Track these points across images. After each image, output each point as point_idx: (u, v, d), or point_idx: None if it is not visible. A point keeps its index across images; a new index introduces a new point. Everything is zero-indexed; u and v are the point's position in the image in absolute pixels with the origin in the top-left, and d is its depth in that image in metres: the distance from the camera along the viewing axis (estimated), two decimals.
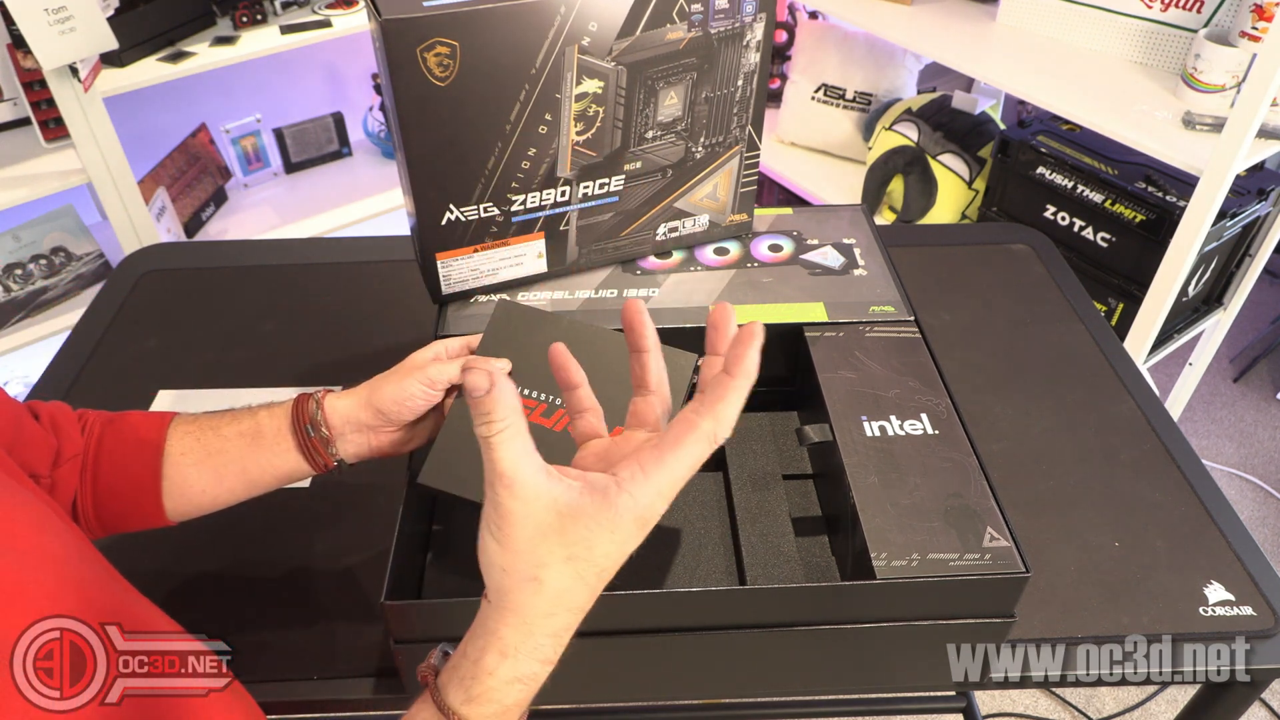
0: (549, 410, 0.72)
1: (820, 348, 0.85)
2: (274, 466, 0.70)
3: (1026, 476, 0.91)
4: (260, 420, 0.71)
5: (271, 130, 2.37)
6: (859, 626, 0.69)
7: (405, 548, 0.71)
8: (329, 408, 0.70)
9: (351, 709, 0.75)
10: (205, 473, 0.69)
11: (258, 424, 0.70)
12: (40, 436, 0.65)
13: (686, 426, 0.44)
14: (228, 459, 0.70)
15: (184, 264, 1.23)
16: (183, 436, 0.70)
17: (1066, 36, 1.87)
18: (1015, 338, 1.09)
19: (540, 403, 0.73)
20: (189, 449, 0.69)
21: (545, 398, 0.73)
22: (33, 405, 0.69)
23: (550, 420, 0.72)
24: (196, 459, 0.69)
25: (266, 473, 0.70)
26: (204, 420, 0.72)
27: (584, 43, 0.78)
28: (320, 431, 0.69)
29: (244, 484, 0.71)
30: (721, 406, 0.44)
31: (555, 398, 0.72)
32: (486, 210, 0.85)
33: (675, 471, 0.44)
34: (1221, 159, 1.40)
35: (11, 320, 1.87)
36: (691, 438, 0.44)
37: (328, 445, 0.69)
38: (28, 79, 1.74)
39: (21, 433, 0.64)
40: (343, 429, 0.70)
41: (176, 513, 0.70)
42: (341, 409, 0.70)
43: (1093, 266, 1.78)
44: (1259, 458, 2.18)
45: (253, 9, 2.03)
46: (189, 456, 0.69)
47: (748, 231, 1.00)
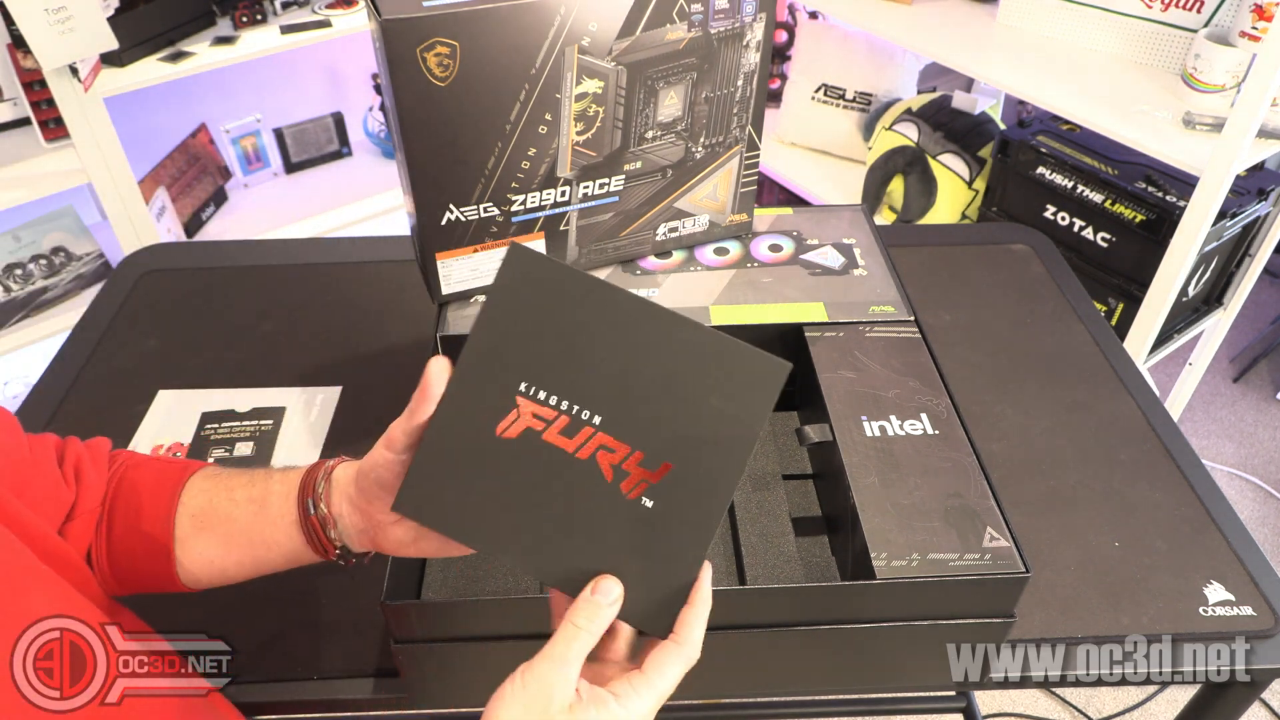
0: (572, 427, 0.51)
1: (820, 348, 0.85)
2: (279, 543, 0.60)
3: (1026, 476, 0.91)
4: (271, 486, 0.61)
5: (271, 130, 2.37)
6: (859, 626, 0.69)
7: None
8: (334, 480, 0.59)
9: (351, 709, 0.75)
10: (213, 539, 0.61)
11: (268, 490, 0.61)
12: (53, 488, 0.59)
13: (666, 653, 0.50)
14: (236, 527, 0.61)
15: (184, 264, 1.23)
16: (197, 494, 0.62)
17: (1066, 36, 1.87)
18: (1015, 338, 1.09)
19: (561, 414, 0.51)
20: (200, 509, 0.61)
21: (569, 408, 0.51)
22: (65, 446, 0.62)
23: (573, 442, 0.51)
24: (205, 523, 0.61)
25: (272, 549, 0.60)
26: (221, 479, 0.63)
27: (584, 43, 0.78)
28: (320, 509, 0.58)
29: (251, 559, 0.61)
30: (688, 633, 0.50)
31: (583, 410, 0.51)
32: (486, 210, 0.85)
33: (660, 687, 0.49)
34: (1221, 159, 1.40)
35: (11, 320, 1.87)
36: (670, 661, 0.49)
37: (326, 527, 0.58)
38: (28, 79, 1.74)
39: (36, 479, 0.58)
40: (341, 508, 0.58)
41: (189, 579, 0.62)
42: (340, 481, 0.59)
43: (1093, 266, 1.78)
44: (1259, 458, 2.18)
45: (253, 9, 2.03)
46: (199, 519, 0.61)
47: (748, 231, 1.00)
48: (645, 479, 0.51)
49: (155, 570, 0.61)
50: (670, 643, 0.50)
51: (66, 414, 0.98)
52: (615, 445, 0.51)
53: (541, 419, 0.51)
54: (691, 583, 0.51)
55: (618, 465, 0.51)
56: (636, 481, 0.51)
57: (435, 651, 0.69)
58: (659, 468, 0.50)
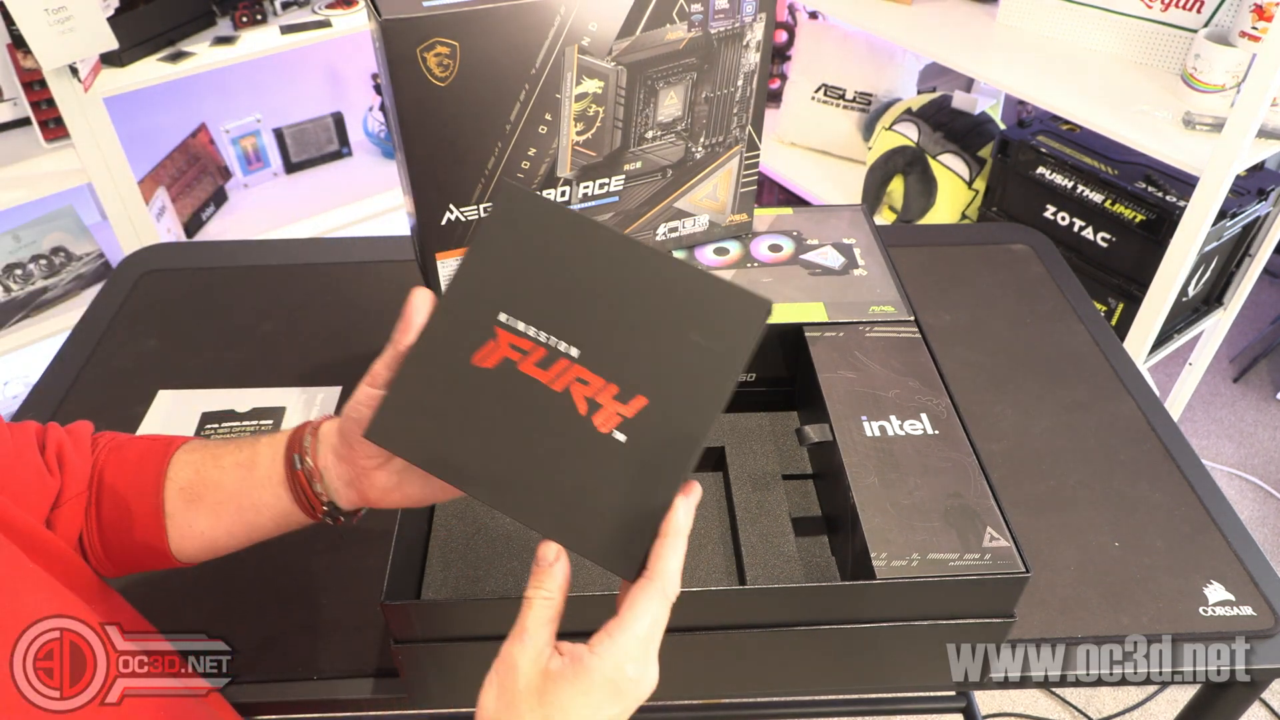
0: (549, 359, 0.51)
1: (820, 348, 0.85)
2: (267, 505, 0.60)
3: (1026, 476, 0.91)
4: (259, 449, 0.61)
5: (271, 130, 2.37)
6: (859, 626, 0.69)
7: (405, 548, 0.71)
8: (320, 433, 0.59)
9: (351, 709, 0.75)
10: (202, 510, 0.61)
11: (255, 453, 0.61)
12: (36, 477, 0.59)
13: (638, 590, 0.47)
14: (225, 494, 0.61)
15: (184, 264, 1.23)
16: (183, 467, 0.62)
17: (1066, 36, 1.87)
18: (1015, 338, 1.09)
19: (539, 346, 0.51)
20: (188, 481, 0.61)
21: (546, 339, 0.51)
22: (45, 433, 0.62)
23: (548, 374, 0.51)
24: (193, 494, 0.61)
25: (262, 513, 0.61)
26: (208, 449, 0.63)
27: (584, 43, 0.78)
28: (306, 462, 0.58)
29: (242, 525, 0.61)
30: (661, 565, 0.47)
31: (560, 342, 0.51)
32: (486, 210, 0.85)
33: (636, 629, 0.46)
34: (1221, 159, 1.40)
35: (11, 320, 1.87)
36: (643, 597, 0.47)
37: (313, 481, 0.58)
38: (28, 79, 1.74)
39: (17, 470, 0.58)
40: (327, 459, 0.58)
41: (182, 553, 0.62)
42: (326, 433, 0.59)
43: (1093, 266, 1.78)
44: (1259, 458, 2.18)
45: (253, 9, 2.03)
46: (187, 491, 0.61)
47: (748, 231, 1.00)
48: (619, 412, 0.50)
49: (148, 547, 0.61)
50: (643, 579, 0.47)
51: (66, 414, 0.98)
52: (590, 378, 0.50)
53: (519, 350, 0.51)
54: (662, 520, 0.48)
55: (591, 398, 0.50)
56: (609, 415, 0.50)
57: (435, 651, 0.69)
58: (632, 401, 0.49)
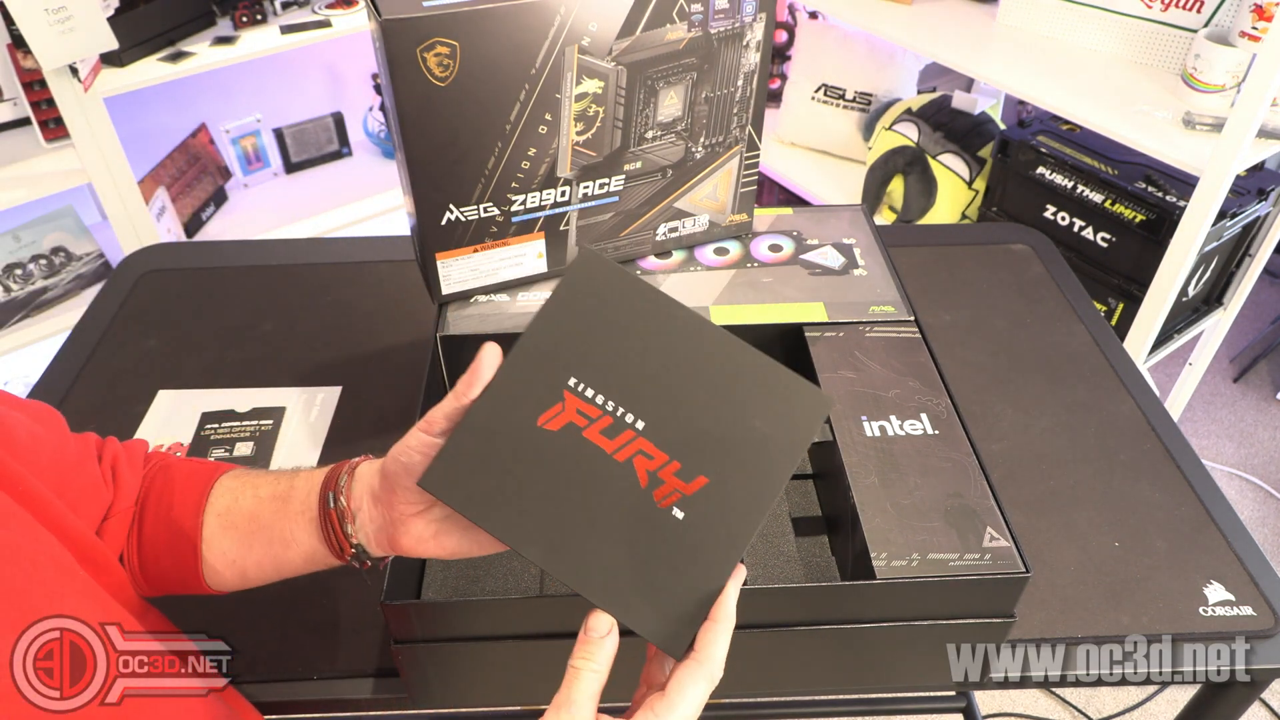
0: (614, 428, 0.51)
1: (820, 348, 0.85)
2: (298, 540, 0.59)
3: (1026, 476, 0.91)
4: (297, 482, 0.61)
5: (271, 130, 2.37)
6: (859, 626, 0.69)
7: None
8: (357, 474, 0.59)
9: (351, 709, 0.75)
10: (235, 537, 0.61)
11: (293, 486, 0.61)
12: (93, 487, 0.60)
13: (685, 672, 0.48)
14: (258, 524, 0.60)
15: (184, 264, 1.23)
16: (224, 493, 0.62)
17: (1066, 36, 1.87)
18: (1015, 338, 1.09)
19: (606, 414, 0.52)
20: (225, 508, 0.61)
21: (614, 409, 0.52)
22: (103, 445, 0.63)
23: (613, 443, 0.51)
24: (229, 521, 0.61)
25: (290, 547, 0.60)
26: (248, 477, 0.63)
27: (584, 43, 0.78)
28: (339, 502, 0.58)
29: (270, 558, 0.61)
30: (710, 650, 0.48)
31: (628, 413, 0.52)
32: (486, 210, 0.85)
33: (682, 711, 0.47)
34: (1221, 159, 1.40)
35: (11, 320, 1.87)
36: (690, 680, 0.48)
37: (344, 521, 0.58)
38: (28, 79, 1.74)
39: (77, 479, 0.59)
40: (361, 501, 0.58)
41: (214, 580, 0.62)
42: (364, 475, 0.58)
43: (1093, 266, 1.78)
44: (1259, 458, 2.18)
45: (253, 9, 2.03)
46: (224, 517, 0.61)
47: (748, 231, 1.00)
48: (679, 489, 0.51)
49: (182, 570, 0.61)
50: (691, 661, 0.48)
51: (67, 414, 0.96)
52: (654, 452, 0.51)
53: (585, 416, 0.52)
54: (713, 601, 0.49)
55: (654, 473, 0.51)
56: (670, 491, 0.51)
57: (435, 651, 0.69)
58: (694, 480, 0.50)
